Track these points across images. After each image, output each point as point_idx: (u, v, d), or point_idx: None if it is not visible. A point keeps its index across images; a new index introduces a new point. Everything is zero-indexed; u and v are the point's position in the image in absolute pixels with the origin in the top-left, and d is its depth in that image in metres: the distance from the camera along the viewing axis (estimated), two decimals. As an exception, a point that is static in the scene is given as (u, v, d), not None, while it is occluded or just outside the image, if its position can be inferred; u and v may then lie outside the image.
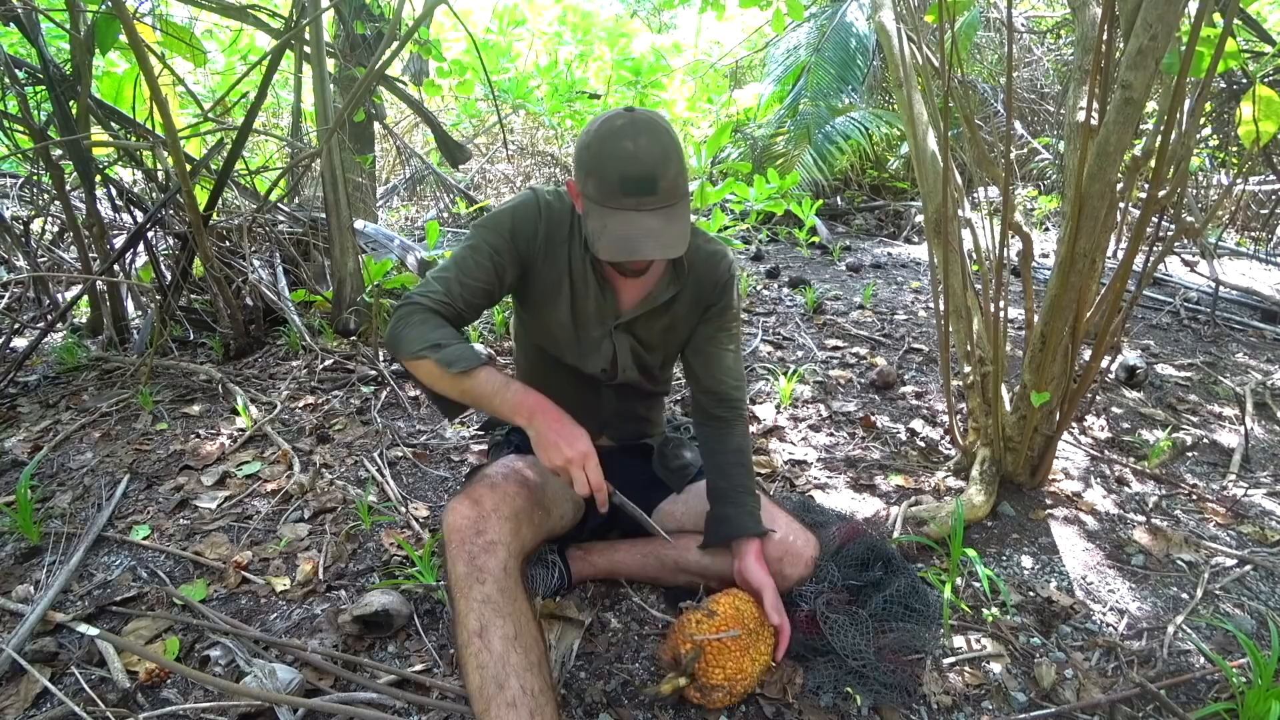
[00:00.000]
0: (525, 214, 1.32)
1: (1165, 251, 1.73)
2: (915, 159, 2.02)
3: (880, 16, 2.06)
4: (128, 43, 2.29)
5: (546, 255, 1.34)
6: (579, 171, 1.19)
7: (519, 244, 1.32)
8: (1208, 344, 3.38)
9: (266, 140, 5.43)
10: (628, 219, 1.14)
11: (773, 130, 6.07)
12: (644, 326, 1.40)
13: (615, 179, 1.13)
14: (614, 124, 1.15)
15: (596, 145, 1.15)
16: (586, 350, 1.41)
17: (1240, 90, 2.95)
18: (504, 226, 1.31)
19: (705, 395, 1.45)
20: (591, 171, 1.15)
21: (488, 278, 1.30)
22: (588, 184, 1.17)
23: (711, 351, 1.43)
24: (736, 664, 1.19)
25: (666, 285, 1.36)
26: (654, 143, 1.13)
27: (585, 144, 1.17)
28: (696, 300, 1.40)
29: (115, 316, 3.04)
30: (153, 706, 1.24)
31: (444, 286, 1.27)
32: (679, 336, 1.45)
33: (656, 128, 1.15)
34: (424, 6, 2.66)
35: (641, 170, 1.12)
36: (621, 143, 1.13)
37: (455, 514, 1.18)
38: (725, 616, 1.22)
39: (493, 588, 1.11)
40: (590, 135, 1.17)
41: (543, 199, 1.34)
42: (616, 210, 1.14)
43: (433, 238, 3.51)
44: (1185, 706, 1.28)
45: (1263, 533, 1.81)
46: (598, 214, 1.16)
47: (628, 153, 1.12)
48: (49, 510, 1.83)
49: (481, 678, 1.04)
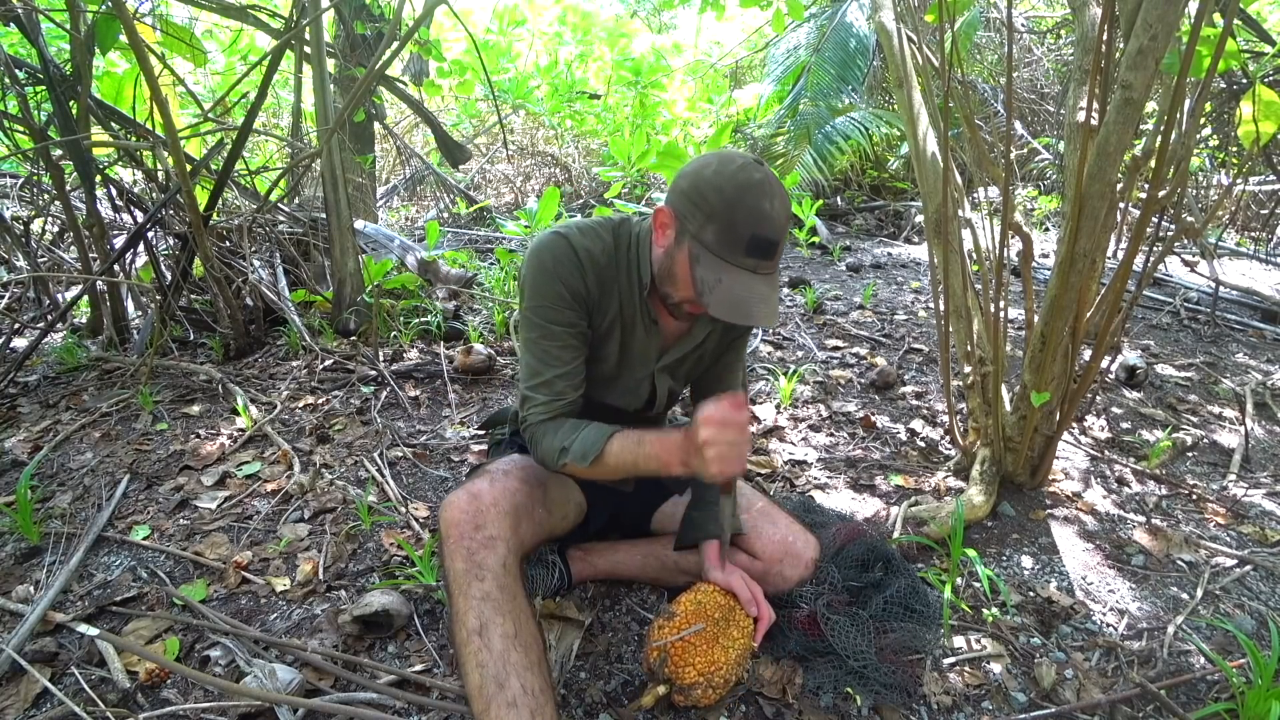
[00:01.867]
0: (568, 270, 1.22)
1: (1165, 251, 1.73)
2: (915, 159, 2.02)
3: (880, 16, 2.06)
4: (128, 43, 2.29)
5: (601, 297, 1.27)
6: (695, 211, 1.10)
7: (578, 301, 1.24)
8: (1208, 344, 3.38)
9: (266, 140, 5.43)
10: (746, 280, 1.09)
11: (773, 130, 6.07)
12: (680, 362, 1.40)
13: (746, 237, 1.07)
14: (752, 177, 1.08)
15: (732, 194, 1.07)
16: (628, 389, 1.39)
17: (1240, 90, 2.95)
18: (556, 294, 1.22)
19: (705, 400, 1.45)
20: (718, 219, 1.08)
21: (576, 352, 1.26)
22: (706, 230, 1.09)
23: (722, 374, 1.46)
24: (707, 657, 1.19)
25: (707, 323, 1.34)
26: (784, 209, 1.10)
27: (715, 186, 1.08)
28: (727, 332, 1.41)
29: (115, 316, 3.04)
30: (153, 706, 1.24)
31: (547, 394, 1.24)
32: (705, 365, 1.46)
33: (785, 193, 1.12)
34: (424, 6, 2.66)
35: (773, 235, 1.08)
36: (760, 202, 1.07)
37: (453, 508, 1.16)
38: (685, 614, 1.21)
39: (492, 584, 1.09)
40: (721, 179, 1.08)
41: (577, 244, 1.23)
42: (736, 269, 1.08)
43: (433, 238, 3.51)
44: (1185, 706, 1.28)
45: (1263, 533, 1.81)
46: (713, 265, 1.09)
47: (765, 213, 1.07)
48: (49, 510, 1.83)
49: (481, 676, 1.03)
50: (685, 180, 1.12)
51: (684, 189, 1.12)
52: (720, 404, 1.06)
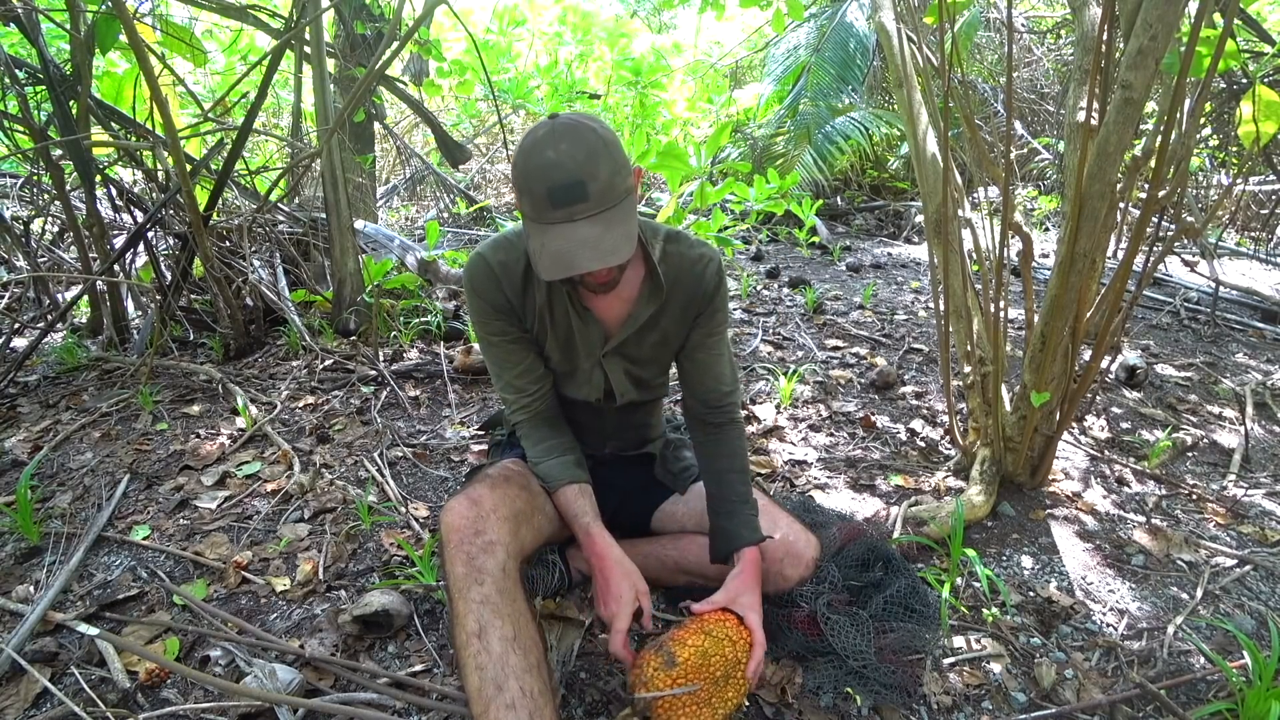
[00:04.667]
0: (483, 284, 1.28)
1: (1165, 251, 1.73)
2: (915, 159, 2.02)
3: (880, 17, 2.06)
4: (128, 43, 2.29)
5: (523, 302, 1.31)
6: (516, 195, 1.12)
7: (503, 311, 1.30)
8: (1208, 344, 3.38)
9: (266, 140, 5.43)
10: (562, 232, 1.06)
11: (773, 130, 6.07)
12: (634, 346, 1.37)
13: (543, 192, 1.05)
14: (536, 135, 1.07)
15: (522, 161, 1.07)
16: (581, 381, 1.40)
17: (1240, 90, 2.95)
18: (483, 309, 1.30)
19: (698, 402, 1.42)
20: (523, 190, 1.08)
21: (522, 351, 1.34)
22: (522, 204, 1.10)
23: (702, 358, 1.39)
24: (694, 717, 1.11)
25: (647, 301, 1.30)
26: (577, 146, 1.05)
27: (515, 164, 1.10)
28: (685, 309, 1.34)
29: (115, 316, 3.04)
30: (153, 706, 1.24)
31: (512, 394, 1.37)
32: (671, 347, 1.41)
33: (580, 129, 1.06)
34: (424, 6, 2.65)
35: (566, 178, 1.04)
36: (544, 153, 1.05)
37: (453, 513, 1.17)
38: (687, 666, 1.11)
39: (491, 588, 1.10)
40: (518, 154, 1.09)
41: (490, 258, 1.28)
42: (550, 225, 1.07)
43: (433, 238, 3.51)
44: (1185, 706, 1.28)
45: (1263, 533, 1.81)
46: (536, 232, 1.09)
47: (550, 162, 1.04)
48: (49, 510, 1.83)
49: (480, 679, 1.03)
50: None
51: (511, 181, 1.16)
52: (641, 612, 1.21)
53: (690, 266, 1.31)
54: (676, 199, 3.05)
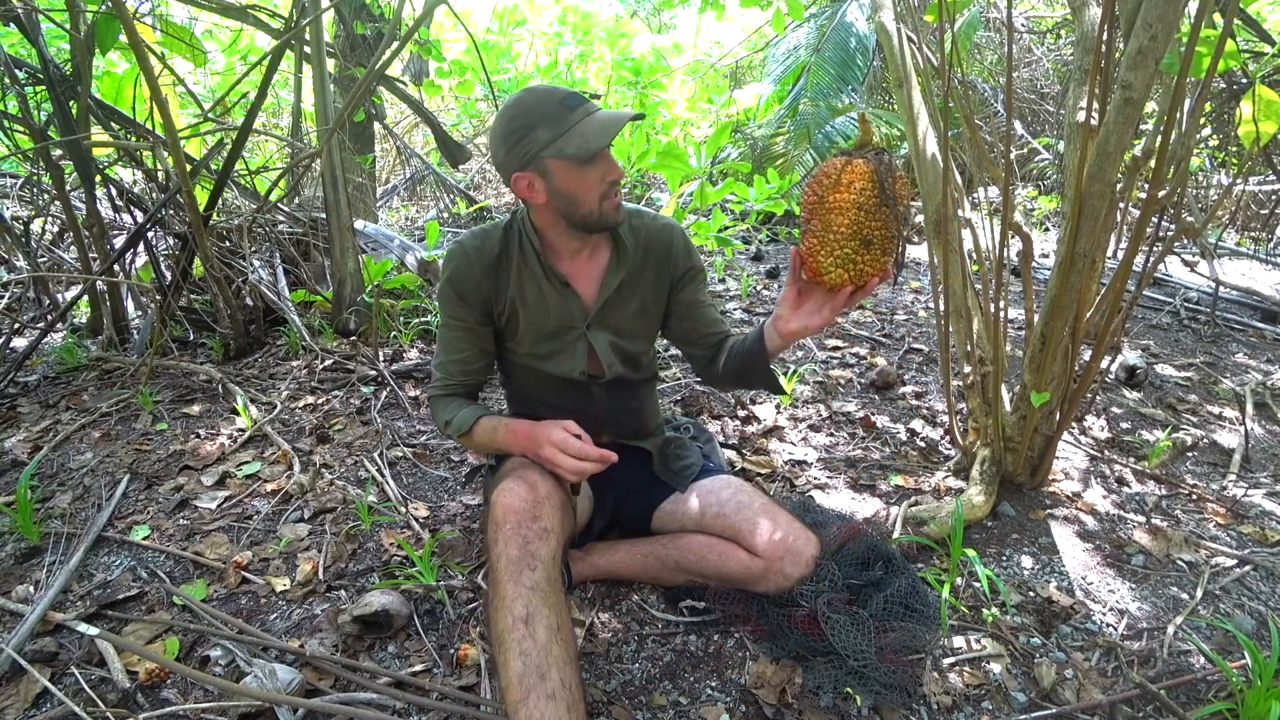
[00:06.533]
0: (459, 271, 1.36)
1: (1165, 251, 1.73)
2: (915, 159, 2.02)
3: (880, 17, 2.06)
4: (128, 43, 2.29)
5: (495, 290, 1.38)
6: (523, 145, 1.19)
7: (470, 300, 1.38)
8: (1208, 344, 3.38)
9: (266, 140, 5.43)
10: (591, 116, 1.19)
11: (773, 130, 6.07)
12: (618, 315, 1.42)
13: (555, 104, 1.18)
14: (513, 98, 1.22)
15: (520, 116, 1.18)
16: (566, 357, 1.43)
17: (1240, 90, 2.95)
18: (450, 295, 1.38)
19: (701, 348, 1.51)
20: (535, 127, 1.18)
21: (468, 344, 1.42)
22: (538, 137, 1.18)
23: (696, 313, 1.48)
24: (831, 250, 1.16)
25: (616, 268, 1.39)
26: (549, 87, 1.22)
27: (513, 129, 1.19)
28: (659, 275, 1.43)
29: (115, 316, 3.04)
30: (153, 706, 1.24)
31: (442, 372, 1.45)
32: (652, 317, 1.47)
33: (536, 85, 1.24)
34: (424, 6, 2.66)
35: (567, 90, 1.20)
36: (531, 91, 1.20)
37: (511, 494, 1.18)
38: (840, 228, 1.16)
39: (542, 575, 1.10)
40: (509, 119, 1.20)
41: (466, 246, 1.37)
42: (577, 121, 1.18)
43: (433, 238, 3.51)
44: (1185, 706, 1.28)
45: (1263, 533, 1.81)
46: (569, 137, 1.17)
47: (542, 89, 1.20)
48: (49, 510, 1.83)
49: (524, 665, 1.02)
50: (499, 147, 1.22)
51: (504, 152, 1.22)
52: (569, 434, 1.22)
53: (657, 235, 1.42)
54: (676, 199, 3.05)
